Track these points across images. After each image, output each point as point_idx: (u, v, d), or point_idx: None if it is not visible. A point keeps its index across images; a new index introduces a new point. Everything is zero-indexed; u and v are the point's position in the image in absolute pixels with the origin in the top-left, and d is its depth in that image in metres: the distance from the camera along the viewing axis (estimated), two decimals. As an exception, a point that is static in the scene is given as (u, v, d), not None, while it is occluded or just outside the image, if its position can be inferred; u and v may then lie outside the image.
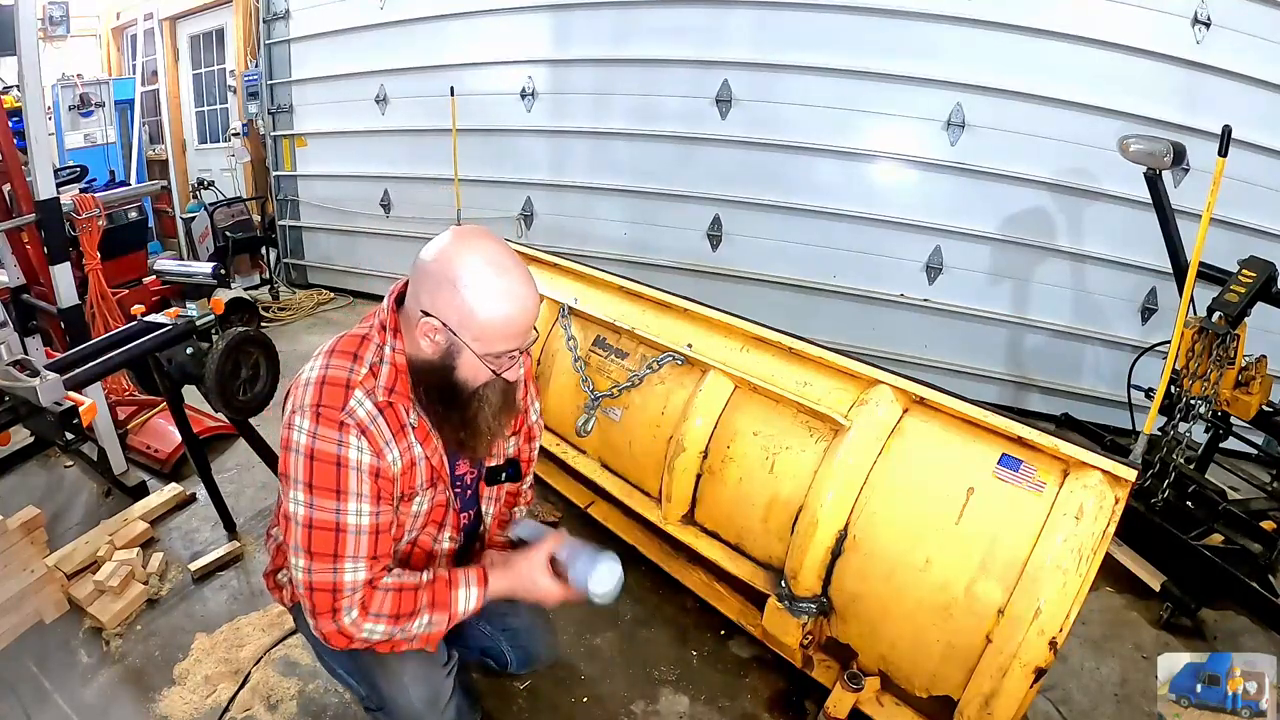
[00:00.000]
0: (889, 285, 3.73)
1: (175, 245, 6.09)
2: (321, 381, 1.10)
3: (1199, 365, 2.26)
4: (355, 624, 1.13)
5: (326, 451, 1.08)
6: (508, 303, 1.08)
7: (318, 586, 1.11)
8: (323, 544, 1.09)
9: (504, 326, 1.09)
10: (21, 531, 2.05)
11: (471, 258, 1.07)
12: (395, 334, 1.15)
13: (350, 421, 1.08)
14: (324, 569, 1.10)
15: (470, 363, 1.11)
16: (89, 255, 3.01)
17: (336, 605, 1.11)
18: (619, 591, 1.23)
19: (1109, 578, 2.35)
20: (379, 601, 1.14)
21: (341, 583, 1.11)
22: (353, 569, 1.11)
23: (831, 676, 1.72)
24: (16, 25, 2.24)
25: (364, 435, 1.09)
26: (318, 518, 1.09)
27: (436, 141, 4.40)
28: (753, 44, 3.68)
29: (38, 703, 1.81)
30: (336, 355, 1.13)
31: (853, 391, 1.71)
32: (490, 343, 1.09)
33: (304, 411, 1.09)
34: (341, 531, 1.09)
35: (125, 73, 7.03)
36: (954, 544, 1.47)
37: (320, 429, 1.07)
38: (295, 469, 1.09)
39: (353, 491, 1.09)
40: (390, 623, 1.15)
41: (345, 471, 1.08)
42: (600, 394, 2.20)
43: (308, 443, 1.08)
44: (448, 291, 1.06)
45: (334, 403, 1.09)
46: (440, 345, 1.10)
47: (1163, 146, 2.32)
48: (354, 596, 1.12)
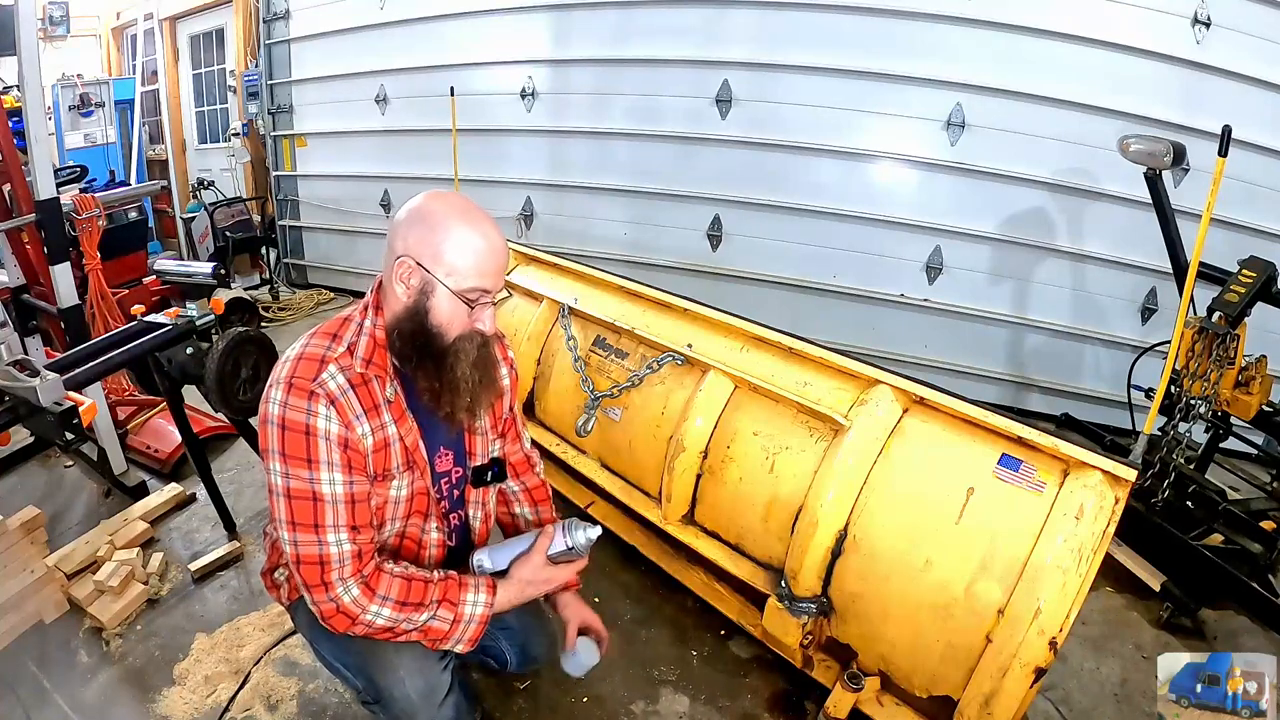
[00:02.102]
0: (889, 285, 3.73)
1: (175, 245, 6.09)
2: (299, 358, 1.14)
3: (1199, 365, 2.26)
4: (357, 603, 1.13)
5: (296, 420, 1.10)
6: (478, 236, 1.13)
7: (304, 559, 1.12)
8: (302, 513, 1.11)
9: (475, 259, 1.13)
10: (21, 531, 2.05)
11: (442, 201, 1.15)
12: (377, 311, 1.19)
13: (320, 392, 1.11)
14: (308, 541, 1.11)
15: (444, 303, 1.14)
16: (89, 255, 3.01)
17: (326, 579, 1.12)
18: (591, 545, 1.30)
19: (1109, 578, 2.35)
20: (386, 584, 1.15)
21: (327, 554, 1.12)
22: (335, 540, 1.12)
23: (831, 676, 1.72)
24: (16, 25, 2.24)
25: (333, 405, 1.11)
26: (294, 486, 1.10)
27: (436, 141, 4.40)
28: (753, 44, 3.68)
29: (38, 703, 1.81)
30: (317, 335, 1.17)
31: (853, 391, 1.71)
32: (462, 277, 1.13)
33: (278, 385, 1.11)
34: (319, 501, 1.11)
35: (125, 73, 7.04)
36: (954, 544, 1.47)
37: (291, 399, 1.10)
38: (270, 439, 1.11)
39: (323, 460, 1.11)
40: (396, 608, 1.15)
41: (315, 440, 1.10)
42: (600, 394, 2.20)
43: (279, 413, 1.10)
44: (420, 229, 1.12)
45: (306, 374, 1.11)
46: (414, 288, 1.13)
47: (1163, 146, 2.32)
48: (343, 569, 1.13)
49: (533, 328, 2.47)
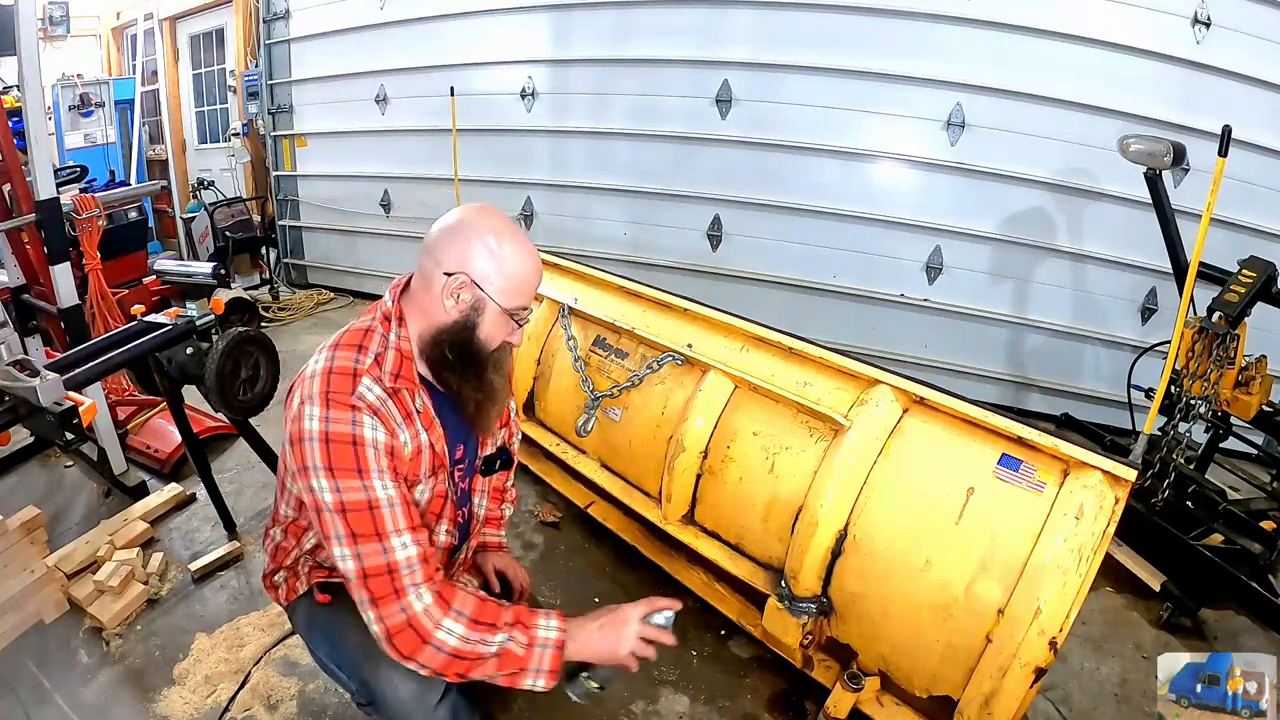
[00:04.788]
0: (889, 285, 3.73)
1: (175, 245, 6.09)
2: (328, 372, 1.12)
3: (1199, 365, 2.26)
4: (429, 614, 1.07)
5: (341, 433, 1.08)
6: (529, 258, 1.18)
7: (371, 572, 1.07)
8: (362, 524, 1.07)
9: (526, 279, 1.18)
10: (21, 531, 2.04)
11: (493, 220, 1.18)
12: (400, 322, 1.19)
13: (361, 405, 1.10)
14: (372, 550, 1.07)
15: (492, 319, 1.17)
16: (89, 255, 3.01)
17: (398, 585, 1.07)
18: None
19: (1109, 578, 2.35)
20: (460, 598, 1.11)
21: (394, 561, 1.07)
22: (400, 545, 1.08)
23: (831, 676, 1.72)
24: (16, 25, 2.24)
25: (375, 415, 1.11)
26: (349, 500, 1.07)
27: (436, 141, 4.41)
28: (753, 44, 3.68)
29: (38, 703, 1.80)
30: (341, 348, 1.16)
31: (853, 391, 1.71)
32: (513, 296, 1.17)
33: (313, 400, 1.09)
34: (375, 508, 1.08)
35: (125, 73, 7.03)
36: (954, 544, 1.47)
37: (332, 412, 1.08)
38: (312, 456, 1.08)
39: (373, 468, 1.09)
40: (470, 625, 1.09)
41: (363, 449, 1.09)
42: (600, 394, 2.20)
43: (321, 428, 1.08)
44: (477, 248, 1.14)
45: (342, 388, 1.10)
46: (465, 303, 1.16)
47: (1163, 146, 2.32)
48: (414, 573, 1.08)
49: (533, 327, 2.47)
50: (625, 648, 1.18)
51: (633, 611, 1.20)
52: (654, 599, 1.24)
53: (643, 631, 1.20)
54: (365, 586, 1.08)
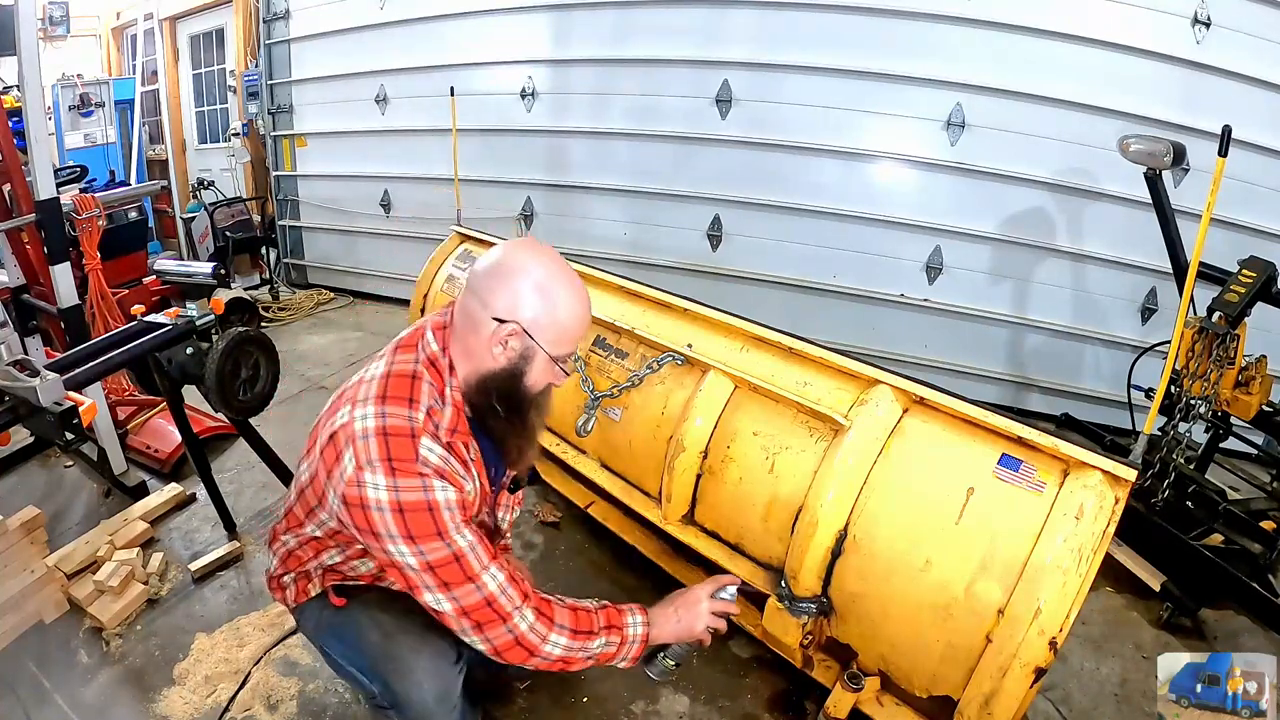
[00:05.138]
0: (889, 285, 3.73)
1: (175, 245, 6.09)
2: (383, 432, 1.09)
3: (1199, 365, 2.26)
4: (535, 631, 1.15)
5: (414, 501, 1.07)
6: (582, 303, 1.16)
7: (470, 609, 1.12)
8: (451, 574, 1.10)
9: (578, 326, 1.17)
10: (21, 531, 2.04)
11: (546, 262, 1.14)
12: (451, 371, 1.17)
13: (427, 470, 1.09)
14: (467, 592, 1.12)
15: (540, 367, 1.16)
16: (89, 255, 3.01)
17: (500, 612, 1.13)
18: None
19: (1109, 578, 2.35)
20: (561, 613, 1.19)
21: (490, 594, 1.13)
22: (490, 577, 1.13)
23: (831, 676, 1.72)
24: (16, 25, 2.24)
25: (443, 477, 1.11)
26: (434, 559, 1.09)
27: (436, 141, 4.40)
28: (753, 44, 3.68)
29: (38, 703, 1.81)
30: (391, 402, 1.12)
31: (853, 391, 1.71)
32: (564, 344, 1.16)
33: (374, 467, 1.07)
34: (461, 558, 1.11)
35: (125, 73, 7.03)
36: (954, 544, 1.47)
37: (400, 481, 1.07)
38: (385, 525, 1.08)
39: (450, 526, 1.10)
40: (571, 636, 1.19)
41: (439, 513, 1.09)
42: (600, 394, 2.20)
43: (391, 498, 1.07)
44: (528, 294, 1.12)
45: (405, 455, 1.08)
46: (514, 351, 1.14)
47: (1163, 146, 2.32)
48: (511, 597, 1.14)
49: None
50: (700, 624, 1.33)
51: (701, 591, 1.35)
52: (717, 577, 1.40)
53: (713, 607, 1.34)
54: (467, 619, 1.13)
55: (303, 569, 1.35)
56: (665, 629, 1.31)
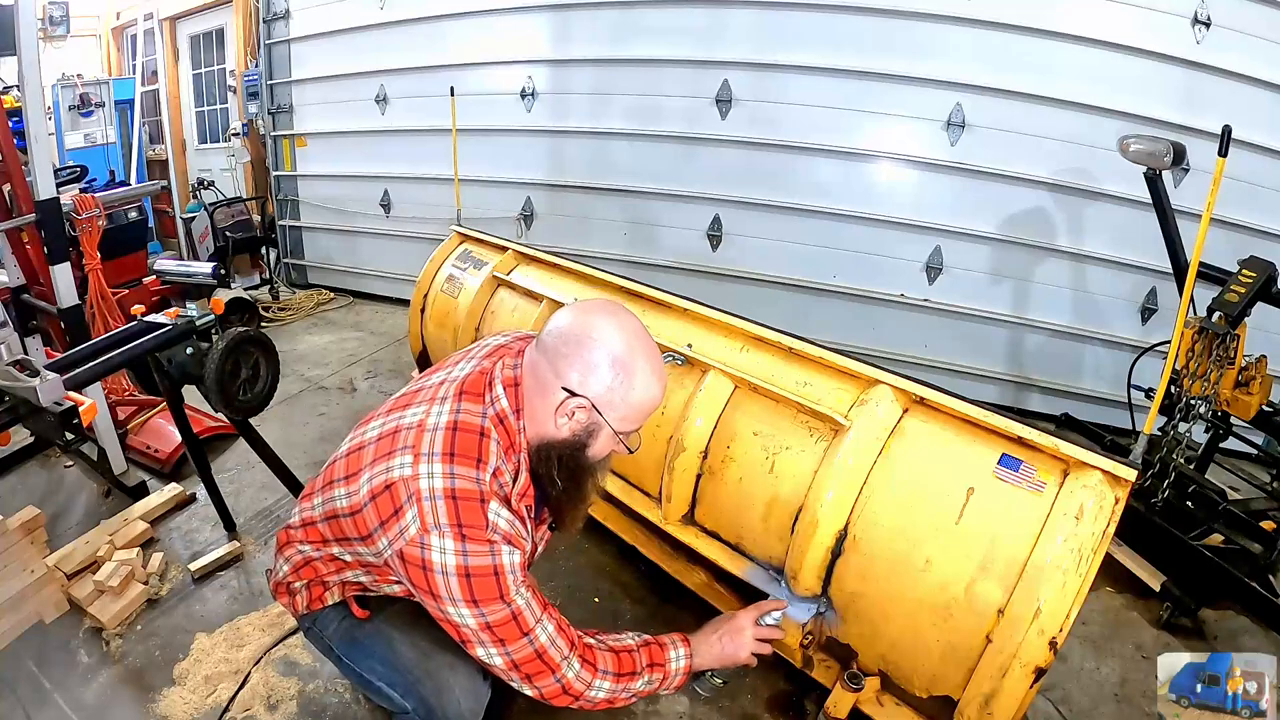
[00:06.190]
0: (889, 285, 3.73)
1: (175, 245, 6.08)
2: (451, 495, 1.07)
3: (1199, 365, 2.26)
4: (580, 679, 1.17)
5: (482, 566, 1.07)
6: (659, 383, 1.13)
7: (522, 662, 1.13)
8: (508, 632, 1.11)
9: (650, 407, 1.14)
10: (21, 531, 2.05)
11: (625, 334, 1.10)
12: (522, 431, 1.15)
13: (496, 537, 1.08)
14: (520, 646, 1.12)
15: (604, 441, 1.15)
16: (89, 255, 3.01)
17: (549, 664, 1.14)
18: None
19: (1109, 578, 2.35)
20: (603, 659, 1.20)
21: (542, 646, 1.13)
22: (542, 629, 1.13)
23: (831, 676, 1.72)
24: (16, 25, 2.24)
25: (510, 542, 1.10)
26: (494, 620, 1.10)
27: (436, 141, 4.40)
28: (753, 44, 3.68)
29: (38, 703, 1.80)
30: (460, 461, 1.09)
31: (853, 391, 1.71)
32: (631, 422, 1.14)
33: (442, 531, 1.05)
34: (518, 616, 1.11)
35: (125, 73, 7.03)
36: (954, 544, 1.47)
37: (470, 546, 1.06)
38: (448, 590, 1.07)
39: (512, 587, 1.10)
40: (614, 680, 1.20)
41: (504, 577, 1.09)
42: (600, 394, 2.20)
43: (458, 562, 1.06)
44: (603, 370, 1.09)
45: (475, 521, 1.06)
46: (580, 424, 1.13)
47: (1163, 146, 2.32)
48: (559, 648, 1.15)
49: (532, 328, 2.47)
50: (744, 652, 1.36)
51: (745, 618, 1.38)
52: (760, 604, 1.44)
53: (758, 633, 1.37)
54: (517, 671, 1.14)
55: (320, 579, 1.33)
56: (708, 657, 1.32)
